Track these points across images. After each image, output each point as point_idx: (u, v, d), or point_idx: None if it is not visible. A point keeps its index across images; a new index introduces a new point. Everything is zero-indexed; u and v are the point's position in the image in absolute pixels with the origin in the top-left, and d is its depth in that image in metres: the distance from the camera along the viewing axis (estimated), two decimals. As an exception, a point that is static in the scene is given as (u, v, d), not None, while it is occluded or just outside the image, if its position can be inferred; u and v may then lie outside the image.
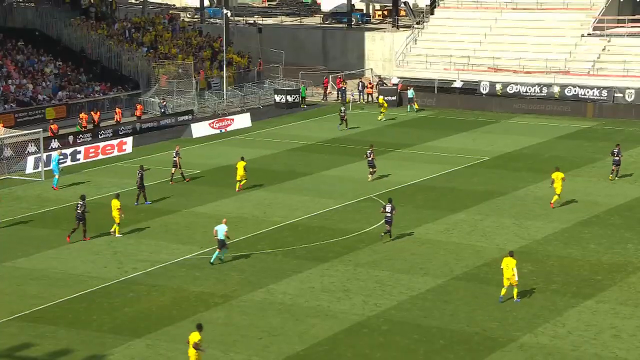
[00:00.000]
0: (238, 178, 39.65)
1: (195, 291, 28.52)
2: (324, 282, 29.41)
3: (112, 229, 34.00)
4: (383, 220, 33.48)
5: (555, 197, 37.06)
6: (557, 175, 36.94)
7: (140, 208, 37.39)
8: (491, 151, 47.60)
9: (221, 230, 30.83)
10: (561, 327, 25.90)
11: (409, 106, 58.09)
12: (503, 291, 27.83)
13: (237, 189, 39.76)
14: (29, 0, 64.53)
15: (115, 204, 33.63)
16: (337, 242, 33.31)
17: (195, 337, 22.80)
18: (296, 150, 47.71)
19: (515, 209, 37.30)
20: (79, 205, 33.27)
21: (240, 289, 28.69)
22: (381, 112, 55.49)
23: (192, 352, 22.73)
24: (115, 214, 33.55)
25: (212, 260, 31.02)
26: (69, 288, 28.68)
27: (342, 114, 52.46)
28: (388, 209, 33.26)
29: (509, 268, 27.78)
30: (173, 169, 41.15)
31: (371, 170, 41.42)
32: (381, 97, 57.30)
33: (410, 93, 58.38)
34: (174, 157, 41.22)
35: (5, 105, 52.08)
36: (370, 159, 41.34)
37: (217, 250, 31.02)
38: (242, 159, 40.27)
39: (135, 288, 28.78)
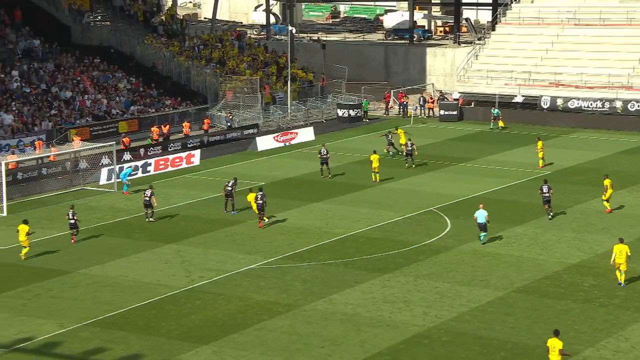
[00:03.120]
0: (374, 170, 43.63)
1: (260, 300, 29.22)
2: (385, 292, 29.93)
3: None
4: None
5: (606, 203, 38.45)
6: (608, 182, 38.16)
7: (206, 218, 38.52)
8: (553, 165, 47.59)
9: (482, 215, 34.04)
10: (624, 342, 25.87)
11: (492, 123, 57.92)
12: (619, 276, 29.51)
13: (374, 179, 43.73)
14: (105, 19, 66.67)
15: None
16: (398, 254, 33.84)
17: (557, 343, 23.11)
18: (358, 163, 48.41)
19: (576, 223, 37.36)
20: (259, 195, 36.60)
21: (303, 298, 29.31)
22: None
23: (556, 358, 23.02)
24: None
25: (482, 242, 34.27)
26: (140, 295, 29.65)
27: (390, 139, 49.65)
28: (545, 189, 36.93)
29: (622, 254, 29.23)
30: (323, 165, 44.78)
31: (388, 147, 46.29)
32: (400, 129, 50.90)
33: (496, 112, 58.14)
34: (325, 154, 44.62)
35: (81, 120, 54.08)
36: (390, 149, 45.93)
37: (482, 232, 34.26)
38: (375, 152, 44.08)
39: (202, 296, 29.59)
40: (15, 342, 26.07)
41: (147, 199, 37.85)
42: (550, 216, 37.71)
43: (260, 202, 36.73)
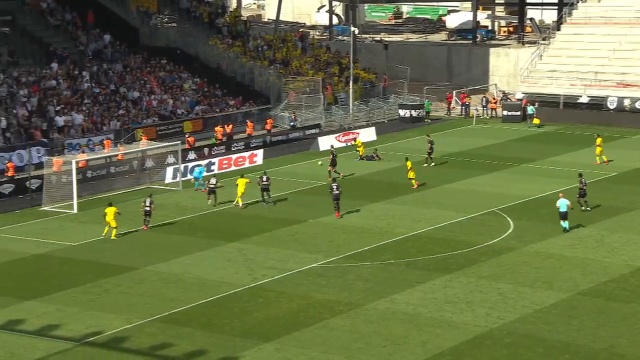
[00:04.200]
0: (410, 176, 43.27)
1: (321, 299, 29.40)
2: (447, 293, 29.90)
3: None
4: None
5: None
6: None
7: (268, 217, 38.97)
8: (619, 166, 46.80)
9: (564, 203, 35.40)
10: (694, 345, 25.47)
11: (528, 121, 57.83)
12: None
13: (414, 186, 43.17)
14: (171, 21, 67.83)
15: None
16: (460, 254, 33.75)
17: None
18: (420, 164, 48.32)
19: (643, 225, 36.81)
20: (333, 186, 38.52)
21: (365, 297, 29.41)
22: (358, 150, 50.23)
23: None
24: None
25: (567, 229, 35.47)
26: (203, 292, 30.07)
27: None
28: (583, 182, 38.37)
29: None
30: (330, 167, 45.76)
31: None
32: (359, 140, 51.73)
33: (531, 109, 58.04)
34: (331, 155, 46.04)
35: (148, 119, 55.14)
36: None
37: (562, 221, 35.47)
38: (407, 159, 44.04)
39: (264, 294, 29.90)
40: (84, 336, 26.73)
41: (213, 186, 40.60)
42: (588, 209, 38.02)
43: (337, 192, 38.31)
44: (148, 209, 37.22)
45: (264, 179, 40.81)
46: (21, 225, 38.45)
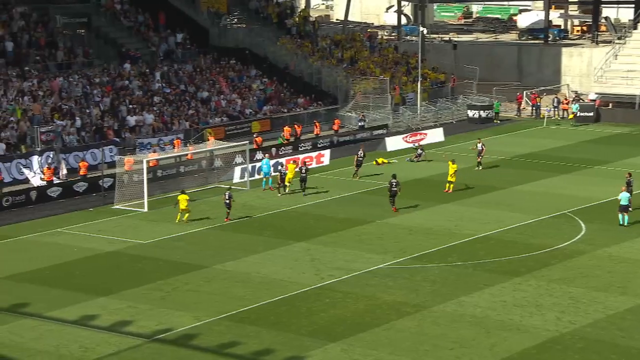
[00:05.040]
0: (449, 179, 42.37)
1: (388, 300, 29.31)
2: (516, 296, 29.49)
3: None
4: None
5: None
6: None
7: (335, 217, 39.00)
8: (697, 170, 45.51)
9: (625, 197, 35.79)
10: None
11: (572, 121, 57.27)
12: None
13: (446, 190, 42.34)
14: (241, 21, 68.54)
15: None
16: (529, 257, 33.25)
17: None
18: (488, 164, 47.79)
19: None
20: (393, 182, 39.22)
21: (432, 299, 29.23)
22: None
23: None
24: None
25: (625, 223, 35.70)
26: (271, 291, 30.22)
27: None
28: (630, 178, 38.03)
29: None
30: (358, 168, 45.84)
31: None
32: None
33: (575, 107, 57.10)
34: (361, 157, 45.76)
35: (216, 119, 55.75)
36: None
37: (622, 214, 35.75)
38: (453, 162, 42.93)
39: (331, 294, 29.90)
40: (155, 332, 27.14)
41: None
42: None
43: (395, 189, 39.17)
44: (228, 201, 38.47)
45: (303, 170, 42.86)
46: (94, 223, 39.27)
